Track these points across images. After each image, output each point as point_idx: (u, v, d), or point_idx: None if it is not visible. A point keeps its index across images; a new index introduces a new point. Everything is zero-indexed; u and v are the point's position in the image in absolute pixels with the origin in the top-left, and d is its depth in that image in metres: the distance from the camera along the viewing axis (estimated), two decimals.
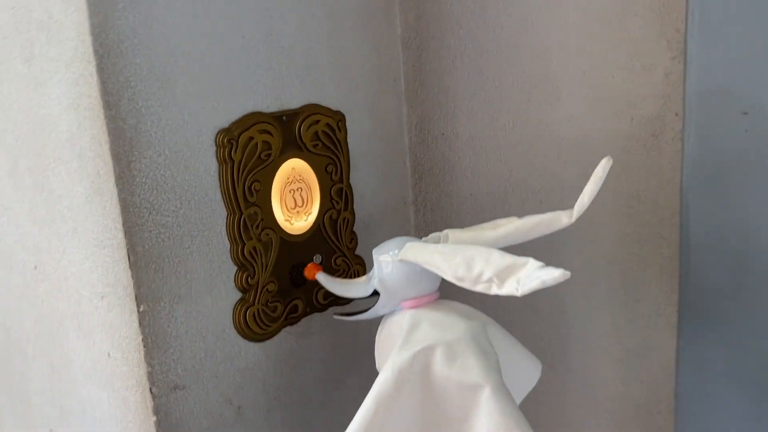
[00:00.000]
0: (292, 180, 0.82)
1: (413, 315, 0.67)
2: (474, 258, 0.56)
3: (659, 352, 0.81)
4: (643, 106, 0.75)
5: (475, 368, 0.59)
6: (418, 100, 0.96)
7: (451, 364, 0.60)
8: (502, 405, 0.58)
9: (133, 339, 0.72)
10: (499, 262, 0.54)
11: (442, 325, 0.64)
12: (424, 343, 0.62)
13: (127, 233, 0.69)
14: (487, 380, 0.58)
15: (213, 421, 0.78)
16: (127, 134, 0.68)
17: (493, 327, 0.67)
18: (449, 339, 0.62)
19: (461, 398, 0.60)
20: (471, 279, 0.56)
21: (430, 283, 0.68)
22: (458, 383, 0.59)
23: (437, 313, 0.66)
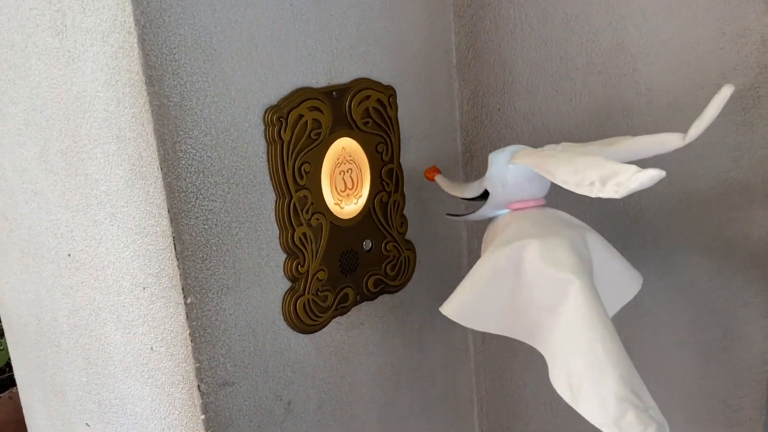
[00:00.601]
0: (342, 161, 0.77)
1: (518, 215, 0.71)
2: (582, 163, 0.58)
3: (745, 344, 0.76)
4: (734, 77, 0.69)
5: (567, 264, 0.62)
6: (471, 74, 0.90)
7: (545, 259, 0.63)
8: (588, 299, 0.60)
9: (179, 333, 0.67)
10: (604, 167, 0.56)
11: (543, 226, 0.67)
12: (524, 239, 0.65)
13: (173, 220, 0.63)
14: (577, 276, 0.61)
15: (262, 419, 0.73)
16: (172, 112, 0.62)
17: (593, 236, 0.69)
18: (547, 238, 0.65)
19: (551, 290, 0.62)
20: (575, 182, 0.58)
21: (539, 189, 0.71)
22: (550, 276, 0.62)
23: (540, 216, 0.70)
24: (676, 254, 0.79)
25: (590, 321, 0.59)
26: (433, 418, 0.97)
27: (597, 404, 0.56)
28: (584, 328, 0.59)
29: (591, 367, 0.58)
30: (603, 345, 0.58)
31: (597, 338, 0.58)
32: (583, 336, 0.59)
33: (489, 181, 0.71)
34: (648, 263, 0.81)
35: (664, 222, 0.79)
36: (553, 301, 0.62)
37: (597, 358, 0.58)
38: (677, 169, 0.77)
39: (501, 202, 0.72)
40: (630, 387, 0.56)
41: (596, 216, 0.84)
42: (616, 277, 0.69)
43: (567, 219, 0.70)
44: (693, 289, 0.79)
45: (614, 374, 0.56)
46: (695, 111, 0.73)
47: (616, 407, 0.55)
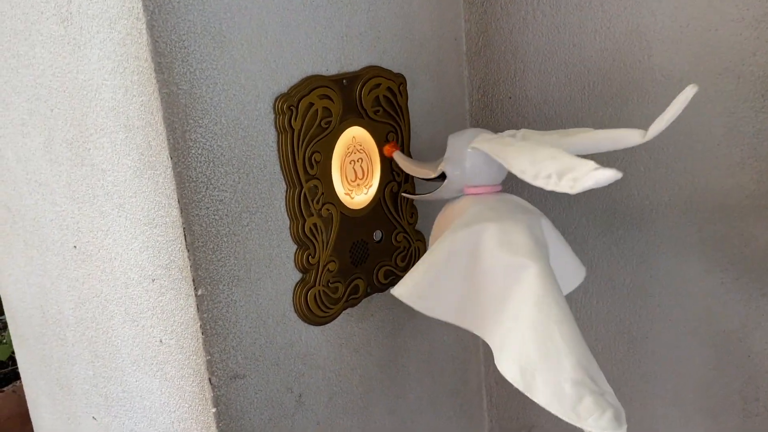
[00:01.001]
0: (353, 150, 0.76)
1: (474, 199, 0.70)
2: (541, 154, 0.57)
3: (761, 335, 0.75)
4: (753, 63, 0.68)
5: (524, 249, 0.61)
6: (482, 61, 0.88)
7: (501, 244, 0.62)
8: (545, 284, 0.59)
9: (190, 325, 0.66)
10: (562, 161, 0.54)
11: (499, 211, 0.66)
12: (480, 223, 0.64)
13: (183, 210, 0.62)
14: (534, 261, 0.60)
15: (273, 411, 0.73)
16: (182, 100, 0.61)
17: (547, 223, 0.68)
18: (504, 223, 0.64)
19: (506, 276, 0.61)
20: (532, 173, 0.57)
21: (497, 175, 0.70)
22: (506, 261, 0.61)
23: (497, 202, 0.69)
24: (691, 243, 0.78)
25: (546, 305, 0.58)
26: (442, 409, 0.96)
27: (553, 390, 0.55)
28: (539, 313, 0.58)
29: (547, 352, 0.56)
30: (559, 329, 0.57)
31: (553, 323, 0.57)
32: (539, 321, 0.57)
33: (447, 163, 0.70)
34: (663, 252, 0.80)
35: (680, 210, 0.78)
36: (507, 285, 0.61)
37: (553, 343, 0.56)
38: (693, 158, 0.75)
39: (458, 185, 0.71)
40: (586, 372, 0.55)
41: (610, 203, 0.83)
42: (564, 266, 0.69)
43: (523, 205, 0.69)
44: (708, 279, 0.78)
45: (570, 359, 0.55)
46: (713, 98, 0.72)
47: (573, 393, 0.54)
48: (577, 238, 0.87)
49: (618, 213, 0.82)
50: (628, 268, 0.83)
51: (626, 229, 0.82)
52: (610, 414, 0.53)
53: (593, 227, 0.85)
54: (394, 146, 0.79)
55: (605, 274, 0.85)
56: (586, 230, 0.86)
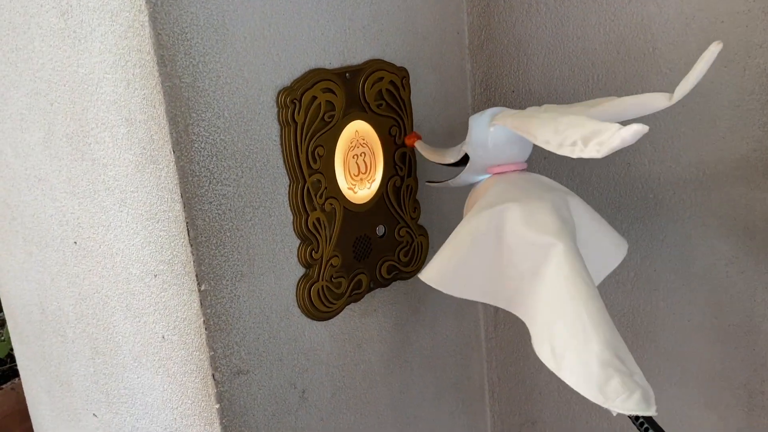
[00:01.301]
0: (356, 144, 0.75)
1: (499, 179, 0.69)
2: (563, 122, 0.56)
3: (766, 329, 0.74)
4: (760, 55, 0.67)
5: (550, 228, 0.60)
6: (484, 55, 0.88)
7: (527, 224, 0.61)
8: (572, 263, 0.58)
9: (193, 321, 0.65)
10: (585, 126, 0.53)
11: (525, 190, 0.65)
12: (505, 203, 0.64)
13: (186, 205, 0.61)
14: (560, 239, 0.59)
15: (277, 407, 0.72)
16: (184, 94, 0.60)
17: (576, 200, 0.67)
18: (529, 201, 0.63)
19: (533, 254, 0.61)
20: (557, 142, 0.56)
21: (520, 153, 0.69)
22: (532, 240, 0.61)
23: (522, 180, 0.68)
24: (696, 237, 0.78)
25: (573, 284, 0.57)
26: (444, 404, 0.96)
27: (581, 371, 0.54)
28: (567, 292, 0.57)
29: (575, 332, 0.56)
30: (587, 309, 0.56)
31: (581, 302, 0.56)
32: (567, 300, 0.57)
33: (469, 145, 0.69)
34: (668, 246, 0.80)
35: (685, 204, 0.78)
36: (535, 265, 0.60)
37: (581, 322, 0.56)
38: (700, 150, 0.75)
39: (481, 166, 0.70)
40: (615, 352, 0.54)
41: (615, 197, 0.83)
42: (600, 243, 0.67)
43: (549, 183, 0.68)
44: (713, 272, 0.78)
45: (599, 339, 0.54)
46: (719, 90, 0.72)
47: (601, 373, 0.53)
48: None
49: (623, 207, 0.82)
50: (633, 262, 0.83)
51: (630, 223, 0.82)
52: (639, 395, 0.52)
53: None
54: (416, 135, 0.78)
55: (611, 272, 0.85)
56: None
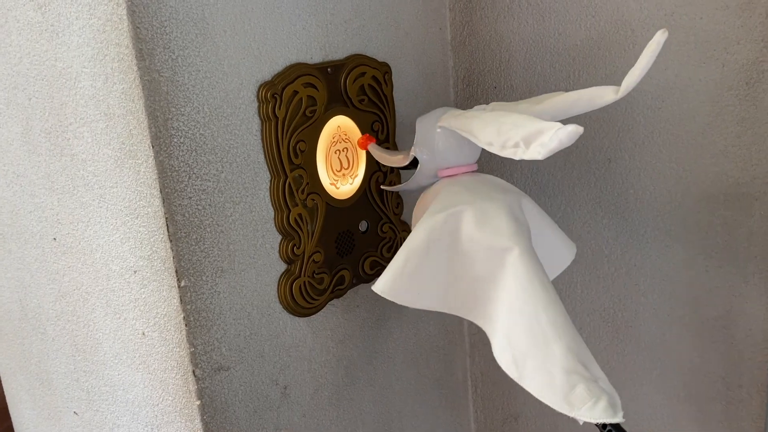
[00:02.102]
0: (338, 139, 0.75)
1: (449, 182, 0.67)
2: (505, 123, 0.55)
3: (745, 322, 0.75)
4: (737, 51, 0.68)
5: (505, 232, 0.59)
6: (467, 51, 0.88)
7: (481, 227, 0.60)
8: (529, 266, 0.57)
9: (173, 317, 0.65)
10: (526, 126, 0.52)
11: (477, 192, 0.64)
12: (457, 206, 0.62)
13: (165, 200, 0.61)
14: (515, 242, 0.58)
15: (258, 403, 0.72)
16: (163, 88, 0.59)
17: (528, 202, 0.66)
18: (482, 204, 0.62)
19: (489, 259, 0.59)
20: (499, 143, 0.55)
21: (469, 154, 0.67)
22: (487, 244, 0.59)
23: (473, 182, 0.66)
24: (675, 232, 0.78)
25: (532, 290, 0.56)
26: (427, 400, 0.96)
27: (544, 379, 0.53)
28: (526, 298, 0.56)
29: (535, 339, 0.54)
30: (547, 315, 0.55)
31: (540, 308, 0.55)
32: (526, 306, 0.56)
33: (417, 148, 0.68)
34: (648, 241, 0.81)
35: (664, 199, 0.78)
36: (492, 271, 0.59)
37: (541, 329, 0.54)
38: (678, 147, 0.76)
39: (431, 169, 0.68)
40: (578, 358, 0.53)
41: (595, 193, 0.83)
42: (551, 245, 0.67)
43: (501, 184, 0.67)
44: (692, 267, 0.78)
45: (561, 346, 0.53)
46: (698, 87, 0.73)
47: (565, 381, 0.52)
48: (562, 227, 0.86)
49: (603, 202, 0.82)
50: (613, 257, 0.83)
51: (611, 218, 0.82)
52: (605, 402, 0.51)
53: (578, 217, 0.85)
54: (368, 138, 0.76)
55: (590, 263, 0.86)
56: (570, 220, 0.86)
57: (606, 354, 0.88)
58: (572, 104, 0.58)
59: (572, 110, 0.59)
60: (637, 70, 0.53)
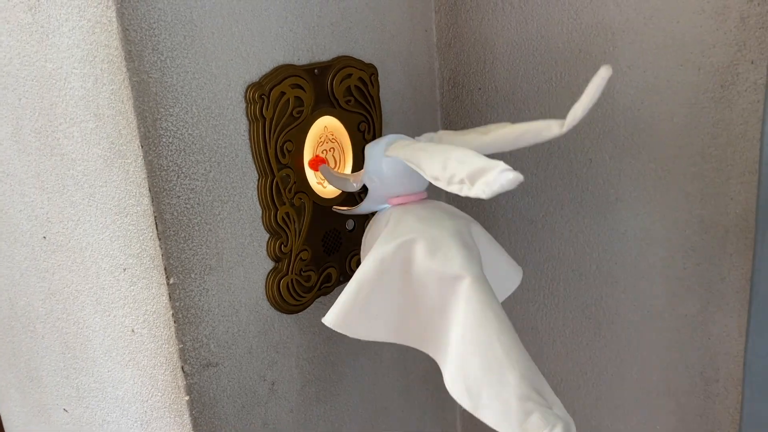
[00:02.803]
0: (325, 139, 0.76)
1: (399, 210, 0.67)
2: (451, 158, 0.55)
3: (722, 317, 0.77)
4: (713, 55, 0.70)
5: (457, 260, 0.58)
6: (452, 53, 0.89)
7: (432, 256, 0.59)
8: (481, 294, 0.57)
9: (162, 314, 0.66)
10: (472, 163, 0.52)
11: (426, 220, 0.63)
12: (408, 235, 0.62)
13: (154, 199, 0.62)
14: (468, 271, 0.58)
15: (246, 399, 0.73)
16: (152, 89, 0.61)
17: (477, 227, 0.66)
18: (432, 232, 0.61)
19: (441, 288, 0.59)
20: (445, 179, 0.55)
21: (418, 182, 0.67)
22: (439, 274, 0.59)
23: (423, 210, 0.66)
24: (654, 231, 0.80)
25: (485, 318, 0.55)
26: (414, 397, 0.97)
27: (499, 407, 0.53)
28: (479, 327, 0.55)
29: (489, 367, 0.54)
30: (500, 342, 0.54)
31: (494, 336, 0.55)
32: (479, 335, 0.55)
33: (366, 175, 0.68)
34: (628, 240, 0.82)
35: (644, 199, 0.80)
36: (444, 300, 0.59)
37: (495, 357, 0.54)
38: (657, 147, 0.78)
39: (380, 196, 0.68)
40: (532, 385, 0.53)
41: (577, 193, 0.85)
42: (499, 270, 0.67)
43: (451, 210, 0.67)
44: (671, 265, 0.80)
45: (515, 373, 0.53)
46: (675, 89, 0.74)
47: (520, 409, 0.52)
48: (544, 226, 0.89)
49: (584, 202, 0.84)
50: (594, 255, 0.85)
51: (592, 217, 0.84)
52: (560, 429, 0.51)
53: (560, 216, 0.87)
54: (319, 159, 0.75)
55: (572, 261, 0.87)
56: (553, 219, 0.88)
57: (588, 350, 0.90)
58: (519, 137, 0.58)
59: (518, 143, 0.58)
60: (581, 104, 0.52)
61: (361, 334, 0.64)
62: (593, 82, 0.51)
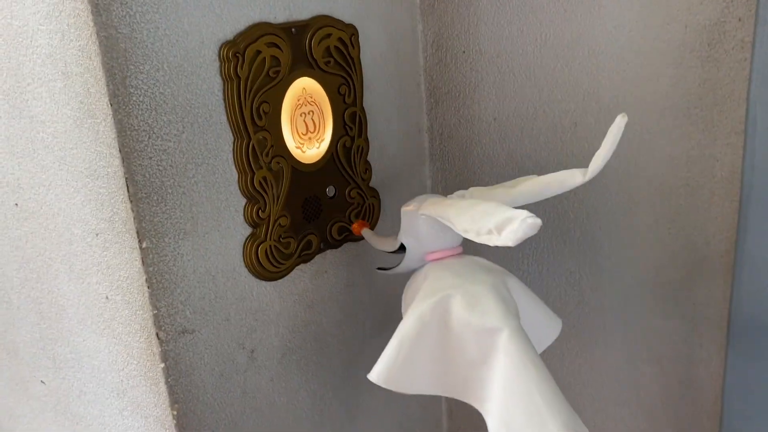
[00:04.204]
0: (303, 102, 0.74)
1: (436, 266, 0.69)
2: (479, 211, 0.59)
3: (704, 284, 0.76)
4: (700, 12, 0.68)
5: (495, 313, 0.61)
6: (435, 15, 0.87)
7: (470, 310, 0.62)
8: (520, 346, 0.59)
9: (135, 279, 0.64)
10: (498, 215, 0.56)
11: (463, 275, 0.66)
12: (446, 290, 0.64)
13: (124, 160, 0.60)
14: (505, 324, 0.60)
15: (225, 367, 0.72)
16: (121, 45, 0.58)
17: (513, 281, 0.69)
18: (469, 287, 0.64)
19: (480, 341, 0.61)
20: (475, 231, 0.58)
21: (453, 238, 0.70)
22: (477, 327, 0.61)
23: (459, 266, 0.68)
24: (639, 195, 0.79)
25: (524, 370, 0.58)
26: None
27: None
28: (519, 378, 0.58)
29: (531, 418, 0.57)
30: (540, 393, 0.57)
31: (533, 387, 0.57)
32: (519, 386, 0.58)
33: (403, 234, 0.71)
34: (613, 205, 0.81)
35: (629, 162, 0.79)
36: (484, 353, 0.61)
37: (537, 408, 0.57)
38: (642, 109, 0.76)
39: (418, 253, 0.71)
40: (573, 430, 0.56)
41: (562, 157, 0.84)
42: (536, 322, 0.69)
43: (486, 265, 0.69)
44: (655, 230, 0.79)
45: (557, 423, 0.56)
46: (661, 49, 0.73)
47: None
48: None
49: (569, 166, 0.82)
50: (579, 221, 0.84)
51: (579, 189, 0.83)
52: None
53: None
54: (362, 224, 0.81)
55: (557, 227, 0.86)
56: None
57: (572, 317, 0.89)
58: (544, 188, 0.62)
59: (544, 194, 0.62)
60: (602, 154, 0.56)
61: (406, 388, 0.66)
62: (611, 132, 0.55)
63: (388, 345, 0.65)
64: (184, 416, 0.68)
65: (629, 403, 0.89)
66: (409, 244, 0.71)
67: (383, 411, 0.95)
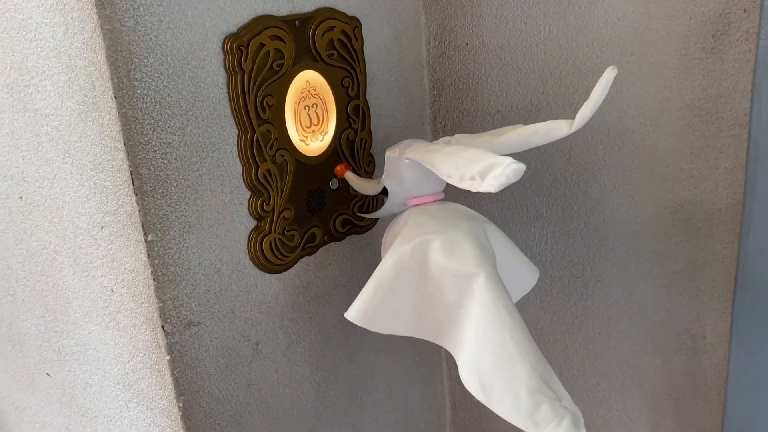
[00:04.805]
0: (307, 95, 0.74)
1: (417, 211, 0.70)
2: (462, 157, 0.59)
3: (709, 274, 0.77)
4: (705, 3, 0.68)
5: (472, 259, 0.61)
6: (438, 7, 0.87)
7: (448, 255, 0.62)
8: (494, 292, 0.60)
9: (141, 272, 0.65)
10: (482, 161, 0.56)
11: (443, 221, 0.67)
12: (425, 235, 0.64)
13: (129, 153, 0.60)
14: (482, 269, 0.60)
15: (230, 359, 0.72)
16: (125, 37, 0.58)
17: (493, 229, 0.69)
18: (449, 233, 0.64)
19: (456, 286, 0.62)
20: (458, 176, 0.59)
21: (436, 184, 0.70)
22: (454, 271, 0.62)
23: (440, 212, 0.69)
24: (643, 186, 0.79)
25: (497, 315, 0.59)
26: (401, 357, 0.97)
27: (510, 400, 0.56)
28: (492, 323, 0.59)
29: (501, 362, 0.57)
30: (512, 338, 0.58)
31: (506, 332, 0.58)
32: (492, 331, 0.59)
33: (386, 178, 0.71)
34: (617, 195, 0.81)
35: (633, 153, 0.79)
36: (459, 297, 0.62)
37: (507, 352, 0.57)
38: (646, 101, 0.76)
39: (400, 198, 0.72)
40: (542, 378, 0.56)
41: (565, 149, 0.84)
42: (514, 270, 0.70)
43: (467, 212, 0.70)
44: (659, 221, 0.79)
45: (525, 366, 0.56)
46: (665, 40, 0.73)
47: (530, 401, 0.55)
48: (532, 185, 0.87)
49: (573, 159, 0.83)
50: (582, 212, 0.84)
51: (580, 174, 0.83)
52: (568, 420, 0.54)
53: (548, 174, 0.86)
54: (345, 167, 0.80)
55: (560, 219, 0.86)
56: (541, 177, 0.86)
57: (576, 308, 0.89)
58: (530, 137, 0.62)
59: (530, 143, 0.62)
60: (589, 105, 0.56)
61: (381, 328, 0.67)
62: (600, 84, 0.54)
63: (366, 285, 0.66)
64: (190, 408, 0.69)
65: (633, 393, 0.89)
66: (392, 188, 0.71)
67: (387, 402, 0.95)
